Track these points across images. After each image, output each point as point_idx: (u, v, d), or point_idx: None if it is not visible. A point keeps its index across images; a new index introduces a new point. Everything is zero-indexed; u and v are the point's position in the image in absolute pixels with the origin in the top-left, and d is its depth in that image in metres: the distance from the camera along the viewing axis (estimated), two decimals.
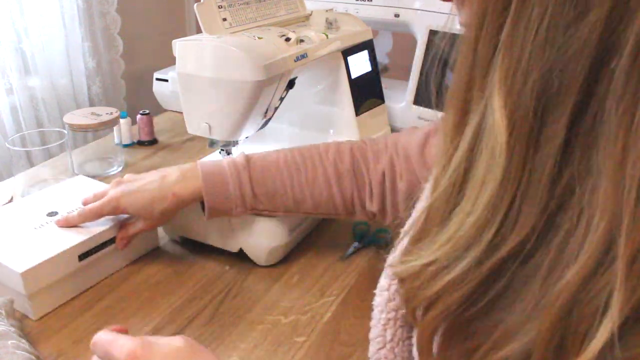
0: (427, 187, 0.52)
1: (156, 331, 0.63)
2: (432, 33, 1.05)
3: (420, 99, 1.08)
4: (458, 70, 0.34)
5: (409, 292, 0.36)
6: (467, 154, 0.33)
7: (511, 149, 0.30)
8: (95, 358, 0.46)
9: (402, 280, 0.37)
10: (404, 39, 1.24)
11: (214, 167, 0.70)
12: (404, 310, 0.46)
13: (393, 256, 0.46)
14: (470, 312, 0.32)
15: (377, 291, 0.51)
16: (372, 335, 0.50)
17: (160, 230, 0.81)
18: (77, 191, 0.78)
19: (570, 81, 0.28)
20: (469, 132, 0.33)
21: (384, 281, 0.50)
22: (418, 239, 0.37)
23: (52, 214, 0.72)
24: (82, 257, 0.67)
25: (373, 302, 0.51)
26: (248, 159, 0.70)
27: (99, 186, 0.80)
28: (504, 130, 0.29)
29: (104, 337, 0.46)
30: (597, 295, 0.26)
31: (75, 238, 0.67)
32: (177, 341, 0.46)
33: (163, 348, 0.45)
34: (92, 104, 1.54)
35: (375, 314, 0.50)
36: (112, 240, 0.71)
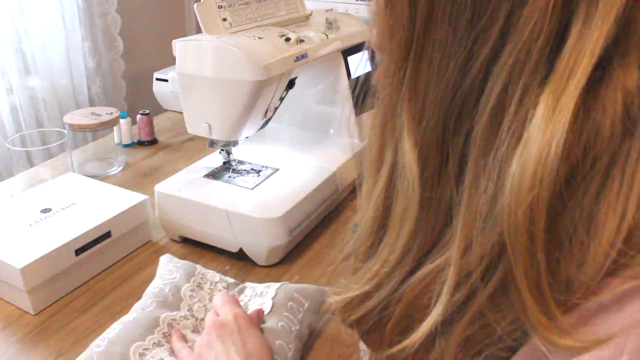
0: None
1: None
2: None
3: None
4: (375, 112, 0.36)
5: (342, 315, 0.39)
6: (384, 192, 0.36)
7: (423, 184, 0.32)
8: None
9: (338, 309, 0.40)
10: None
11: None
12: None
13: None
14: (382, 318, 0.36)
15: None
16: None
17: (161, 230, 0.81)
18: (68, 188, 0.79)
19: (463, 117, 0.30)
20: (384, 171, 0.35)
21: None
22: (342, 272, 0.42)
23: (45, 211, 0.73)
24: (78, 251, 0.68)
25: None
26: None
27: (89, 183, 0.81)
28: (416, 168, 0.32)
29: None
30: (432, 293, 0.32)
31: (71, 233, 0.67)
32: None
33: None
34: (92, 104, 1.54)
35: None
36: (107, 235, 0.71)
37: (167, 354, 0.55)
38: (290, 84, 0.82)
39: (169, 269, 0.66)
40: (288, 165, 0.87)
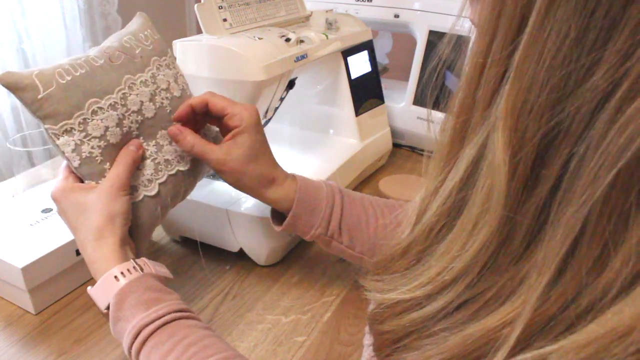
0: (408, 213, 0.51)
1: None
2: (432, 34, 1.05)
3: (420, 100, 1.08)
4: (460, 95, 0.31)
5: (375, 317, 0.35)
6: (458, 190, 0.31)
7: (509, 193, 0.27)
8: None
9: (378, 304, 0.36)
10: (403, 40, 1.24)
11: (312, 181, 0.65)
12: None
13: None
14: (419, 338, 0.32)
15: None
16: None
17: (161, 230, 0.81)
18: None
19: (577, 119, 0.25)
20: (463, 163, 0.30)
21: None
22: (388, 268, 0.36)
23: (46, 211, 0.73)
24: (79, 251, 0.68)
25: (365, 328, 0.51)
26: (340, 188, 0.66)
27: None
28: (506, 171, 0.27)
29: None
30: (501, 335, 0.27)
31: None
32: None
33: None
34: None
35: (367, 337, 0.50)
36: None
37: (114, 124, 0.55)
38: (290, 84, 0.82)
39: (146, 35, 0.62)
40: (288, 165, 0.87)
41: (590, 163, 0.24)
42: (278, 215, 0.65)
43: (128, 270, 0.50)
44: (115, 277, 0.49)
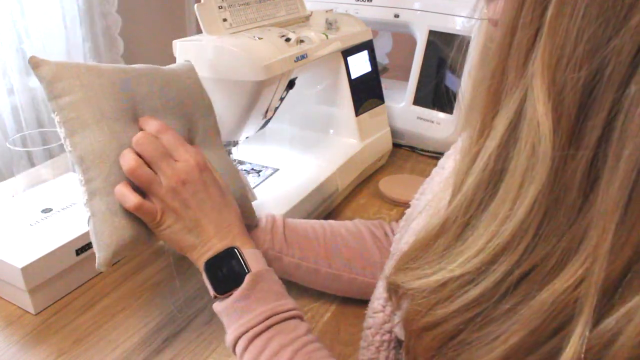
0: (425, 199, 0.51)
1: (156, 331, 0.63)
2: (432, 34, 1.05)
3: (420, 99, 1.08)
4: (488, 59, 0.31)
5: (418, 310, 0.32)
6: (498, 151, 0.30)
7: (555, 145, 0.27)
8: (155, 148, 0.50)
9: (413, 296, 0.33)
10: (403, 39, 1.24)
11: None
12: (397, 331, 0.45)
13: (389, 267, 0.45)
14: (470, 329, 0.30)
15: (368, 313, 0.50)
16: (363, 357, 0.49)
17: None
18: (69, 188, 0.79)
19: (617, 68, 0.25)
20: (500, 126, 0.30)
21: (377, 303, 0.49)
22: (423, 252, 0.34)
23: (46, 211, 0.73)
24: (79, 251, 0.68)
25: (364, 324, 0.50)
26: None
27: None
28: (550, 124, 0.27)
29: (172, 137, 0.52)
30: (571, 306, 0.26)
31: (72, 233, 0.68)
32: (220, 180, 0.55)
33: (215, 177, 0.54)
34: None
35: (368, 336, 0.49)
36: None
37: None
38: (291, 84, 0.82)
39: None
40: (288, 165, 0.87)
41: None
42: None
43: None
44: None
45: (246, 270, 0.49)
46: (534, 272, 0.28)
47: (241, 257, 0.50)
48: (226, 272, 0.49)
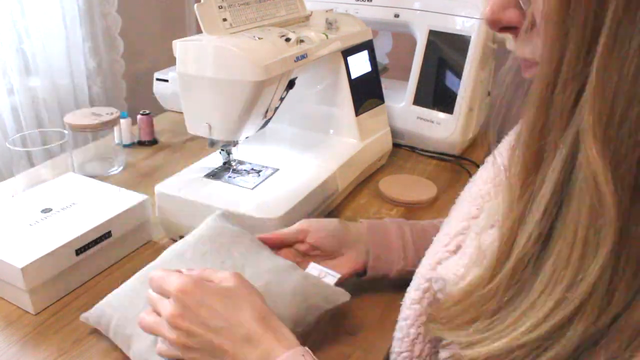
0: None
1: None
2: (432, 33, 1.05)
3: (420, 99, 1.08)
4: (528, 115, 0.29)
5: None
6: (548, 215, 0.28)
7: (619, 205, 0.25)
8: (151, 292, 0.50)
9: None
10: (404, 39, 1.24)
11: (378, 222, 0.67)
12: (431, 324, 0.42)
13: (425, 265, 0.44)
14: None
15: (405, 303, 0.49)
16: (397, 349, 0.48)
17: (161, 230, 0.81)
18: (69, 188, 0.79)
19: None
20: (548, 189, 0.28)
21: (414, 293, 0.47)
22: (465, 316, 0.33)
23: (46, 211, 0.73)
24: (79, 251, 0.68)
25: (400, 315, 0.49)
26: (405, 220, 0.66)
27: (90, 183, 0.81)
28: (609, 183, 0.25)
29: (158, 274, 0.50)
30: None
31: (72, 233, 0.68)
32: (228, 280, 0.48)
33: (213, 286, 0.48)
34: (92, 104, 1.54)
35: (403, 327, 0.47)
36: (108, 235, 0.71)
37: None
38: (290, 84, 0.82)
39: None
40: (288, 165, 0.87)
41: None
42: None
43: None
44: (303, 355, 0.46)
45: None
46: (618, 329, 0.27)
47: None
48: None
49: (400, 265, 0.63)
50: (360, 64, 0.97)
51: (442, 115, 1.05)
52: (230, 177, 0.83)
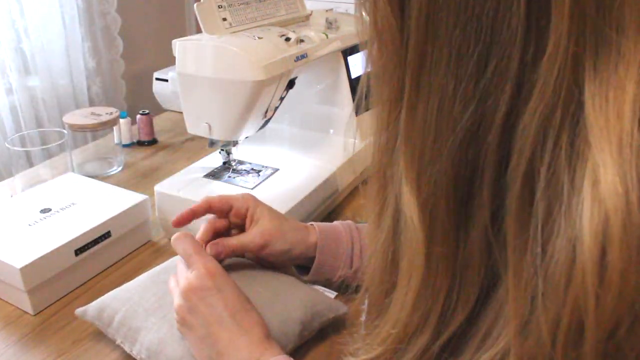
0: None
1: None
2: None
3: None
4: (373, 152, 0.32)
5: None
6: (390, 239, 0.31)
7: (430, 238, 0.28)
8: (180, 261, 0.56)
9: None
10: None
11: (329, 226, 0.66)
12: None
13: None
14: None
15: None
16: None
17: (161, 230, 0.81)
18: (68, 188, 0.79)
19: (484, 166, 0.26)
20: (387, 218, 0.31)
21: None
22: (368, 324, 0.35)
23: (45, 211, 0.73)
24: (78, 251, 0.68)
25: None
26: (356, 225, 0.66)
27: (89, 182, 0.81)
28: (419, 222, 0.28)
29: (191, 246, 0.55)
30: None
31: (71, 233, 0.67)
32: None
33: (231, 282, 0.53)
34: (92, 104, 1.54)
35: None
36: (107, 235, 0.71)
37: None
38: (290, 84, 0.82)
39: None
40: (288, 165, 0.87)
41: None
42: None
43: None
44: None
45: None
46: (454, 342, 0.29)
47: None
48: None
49: (343, 272, 0.63)
50: (360, 64, 0.97)
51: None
52: (230, 177, 0.82)
